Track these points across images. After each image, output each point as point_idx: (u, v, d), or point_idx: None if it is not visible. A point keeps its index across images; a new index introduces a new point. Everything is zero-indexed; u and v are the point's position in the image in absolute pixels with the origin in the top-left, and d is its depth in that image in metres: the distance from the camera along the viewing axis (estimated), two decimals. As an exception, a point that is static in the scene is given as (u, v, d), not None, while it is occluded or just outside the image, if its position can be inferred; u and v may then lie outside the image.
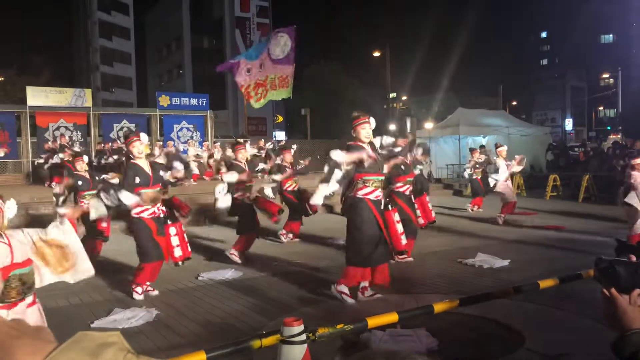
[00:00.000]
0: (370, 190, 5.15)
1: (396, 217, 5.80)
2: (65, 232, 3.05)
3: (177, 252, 5.76)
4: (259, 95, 17.02)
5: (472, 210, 12.40)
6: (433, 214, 8.03)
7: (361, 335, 4.00)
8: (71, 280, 3.09)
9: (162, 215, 5.71)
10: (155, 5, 57.34)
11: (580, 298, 4.80)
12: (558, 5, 64.17)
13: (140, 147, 5.61)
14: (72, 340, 0.74)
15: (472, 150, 13.28)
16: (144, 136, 5.87)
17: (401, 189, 6.92)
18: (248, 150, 7.96)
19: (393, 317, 2.96)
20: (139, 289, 5.58)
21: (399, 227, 5.79)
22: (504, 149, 10.75)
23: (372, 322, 2.85)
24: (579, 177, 15.13)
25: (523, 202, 11.15)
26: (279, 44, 16.70)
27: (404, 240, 5.81)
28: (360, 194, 5.13)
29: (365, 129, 5.15)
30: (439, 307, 3.12)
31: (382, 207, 5.33)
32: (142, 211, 5.56)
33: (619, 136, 29.39)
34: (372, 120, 5.24)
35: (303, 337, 2.41)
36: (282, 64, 16.84)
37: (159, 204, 5.71)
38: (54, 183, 11.71)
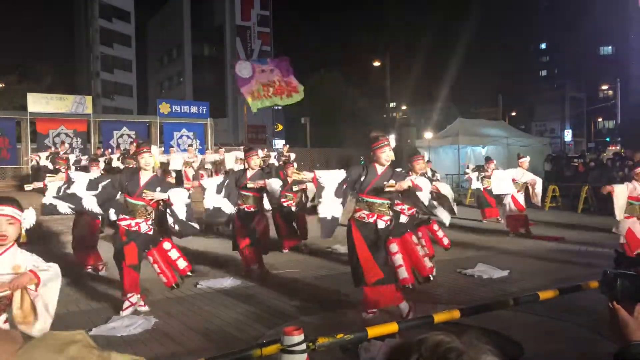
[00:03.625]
0: (369, 214, 5.06)
1: (414, 239, 5.78)
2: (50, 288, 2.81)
3: (182, 264, 5.57)
4: (263, 93, 17.15)
5: (487, 221, 12.34)
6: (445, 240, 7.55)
7: (360, 345, 3.99)
8: (26, 330, 2.75)
9: (141, 232, 5.38)
10: (157, 13, 57.57)
11: (579, 309, 4.79)
12: (558, 17, 64.52)
13: (149, 159, 5.46)
14: (38, 339, 0.74)
15: (487, 160, 13.12)
16: (154, 149, 5.84)
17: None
18: (260, 156, 7.68)
19: (393, 327, 2.95)
20: (126, 303, 5.29)
21: (419, 250, 5.75)
22: (525, 160, 10.50)
23: (372, 332, 2.84)
24: (578, 188, 15.15)
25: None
26: (281, 66, 17.11)
27: (427, 264, 5.75)
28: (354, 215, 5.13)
29: (386, 152, 5.03)
30: (438, 318, 3.11)
31: (382, 231, 5.07)
32: (121, 219, 5.45)
33: (617, 147, 29.46)
34: (392, 139, 5.19)
35: (303, 346, 2.41)
36: (287, 76, 17.16)
37: (139, 220, 5.39)
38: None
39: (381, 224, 5.02)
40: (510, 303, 3.69)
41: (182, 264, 5.59)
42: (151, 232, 5.49)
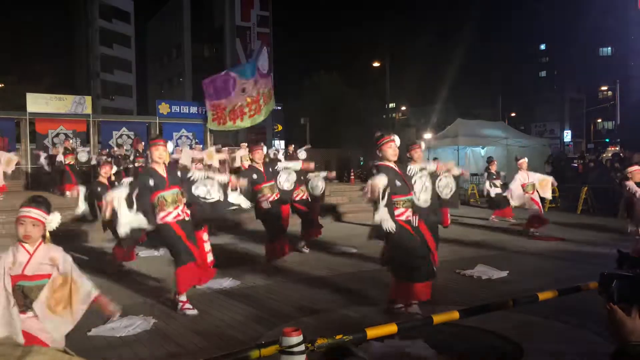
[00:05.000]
0: (402, 212, 5.07)
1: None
2: (85, 299, 3.11)
3: (210, 257, 5.90)
4: (253, 112, 17.01)
5: (496, 220, 12.34)
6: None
7: (359, 346, 3.99)
8: (56, 331, 3.04)
9: (186, 219, 5.45)
10: (156, 13, 57.59)
11: (579, 310, 4.79)
12: (557, 18, 64.55)
13: (163, 152, 5.44)
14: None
15: (490, 160, 13.12)
16: (170, 145, 5.84)
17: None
18: (264, 151, 7.78)
19: (392, 328, 2.94)
20: (183, 298, 5.35)
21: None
22: (524, 161, 10.50)
23: (371, 332, 2.83)
24: (578, 189, 15.15)
25: (522, 213, 11.11)
26: (265, 58, 16.88)
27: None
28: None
29: (392, 148, 5.09)
30: (438, 319, 3.11)
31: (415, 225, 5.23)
32: (166, 215, 5.35)
33: (617, 148, 29.46)
34: (397, 137, 5.22)
35: (302, 347, 2.40)
36: (266, 77, 16.99)
37: (181, 206, 5.42)
38: (67, 192, 11.65)
39: (415, 220, 5.23)
40: (509, 304, 3.68)
41: (210, 256, 6.04)
42: (189, 217, 5.53)
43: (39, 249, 2.93)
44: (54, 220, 2.97)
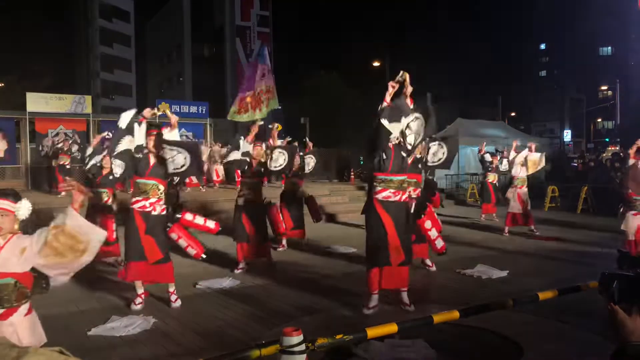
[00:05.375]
0: (379, 190, 5.15)
1: (427, 224, 6.08)
2: (67, 215, 2.86)
3: (211, 224, 6.07)
4: (265, 103, 16.99)
5: (482, 218, 12.40)
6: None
7: (359, 345, 3.99)
8: (89, 257, 2.87)
9: (154, 213, 5.38)
10: (157, 13, 57.58)
11: (579, 310, 4.79)
12: (557, 18, 64.54)
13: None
14: None
15: (493, 155, 13.12)
16: (172, 133, 5.86)
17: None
18: (263, 149, 7.79)
19: (392, 328, 2.94)
20: (138, 290, 5.47)
21: (432, 233, 6.24)
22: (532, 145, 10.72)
23: (372, 332, 2.84)
24: (578, 189, 15.15)
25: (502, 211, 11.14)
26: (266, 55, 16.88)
27: (438, 243, 6.26)
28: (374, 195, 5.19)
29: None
30: (438, 318, 3.11)
31: (404, 211, 5.24)
32: (134, 202, 5.40)
33: (617, 148, 29.45)
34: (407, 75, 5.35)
35: (302, 347, 2.41)
36: (269, 74, 16.97)
37: (152, 200, 5.38)
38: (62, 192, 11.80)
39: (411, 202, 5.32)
40: (509, 303, 3.69)
41: (211, 224, 6.13)
42: (165, 213, 5.50)
43: (10, 241, 2.80)
44: (22, 207, 2.84)
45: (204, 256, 6.03)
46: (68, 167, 14.07)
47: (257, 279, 6.77)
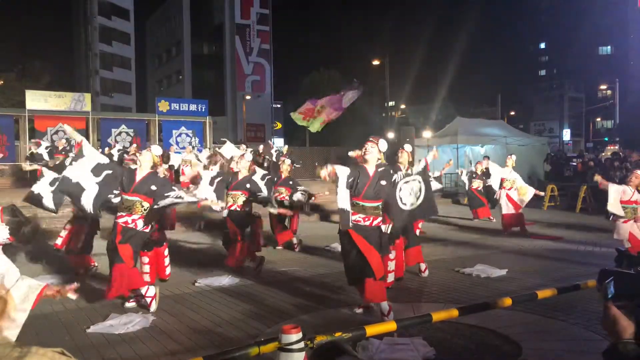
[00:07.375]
0: (352, 212, 4.94)
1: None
2: (25, 300, 2.72)
3: (168, 270, 6.55)
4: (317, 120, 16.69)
5: (475, 220, 12.42)
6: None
7: (358, 343, 3.99)
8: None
9: (135, 229, 5.32)
10: (156, 11, 57.50)
11: (577, 308, 4.80)
12: (557, 17, 64.57)
13: (146, 154, 5.54)
14: None
15: (479, 161, 13.36)
16: (156, 148, 5.82)
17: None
18: (247, 159, 7.75)
19: (391, 326, 2.95)
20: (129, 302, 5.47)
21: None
22: (510, 158, 10.76)
23: (370, 330, 2.84)
24: (577, 188, 15.16)
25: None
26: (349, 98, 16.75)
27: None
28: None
29: (364, 149, 5.10)
30: (437, 316, 3.12)
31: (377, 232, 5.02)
32: (119, 217, 5.38)
33: (616, 147, 29.49)
34: (382, 141, 5.08)
35: (301, 344, 2.41)
36: (340, 106, 16.80)
37: (135, 216, 5.34)
38: None
39: (382, 227, 5.05)
40: (508, 302, 3.69)
41: (168, 270, 6.59)
42: (147, 230, 5.46)
43: None
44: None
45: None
46: (58, 164, 13.98)
47: (256, 278, 6.77)
